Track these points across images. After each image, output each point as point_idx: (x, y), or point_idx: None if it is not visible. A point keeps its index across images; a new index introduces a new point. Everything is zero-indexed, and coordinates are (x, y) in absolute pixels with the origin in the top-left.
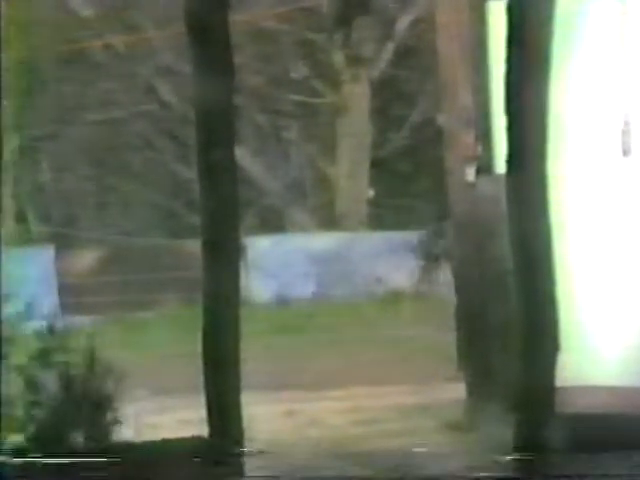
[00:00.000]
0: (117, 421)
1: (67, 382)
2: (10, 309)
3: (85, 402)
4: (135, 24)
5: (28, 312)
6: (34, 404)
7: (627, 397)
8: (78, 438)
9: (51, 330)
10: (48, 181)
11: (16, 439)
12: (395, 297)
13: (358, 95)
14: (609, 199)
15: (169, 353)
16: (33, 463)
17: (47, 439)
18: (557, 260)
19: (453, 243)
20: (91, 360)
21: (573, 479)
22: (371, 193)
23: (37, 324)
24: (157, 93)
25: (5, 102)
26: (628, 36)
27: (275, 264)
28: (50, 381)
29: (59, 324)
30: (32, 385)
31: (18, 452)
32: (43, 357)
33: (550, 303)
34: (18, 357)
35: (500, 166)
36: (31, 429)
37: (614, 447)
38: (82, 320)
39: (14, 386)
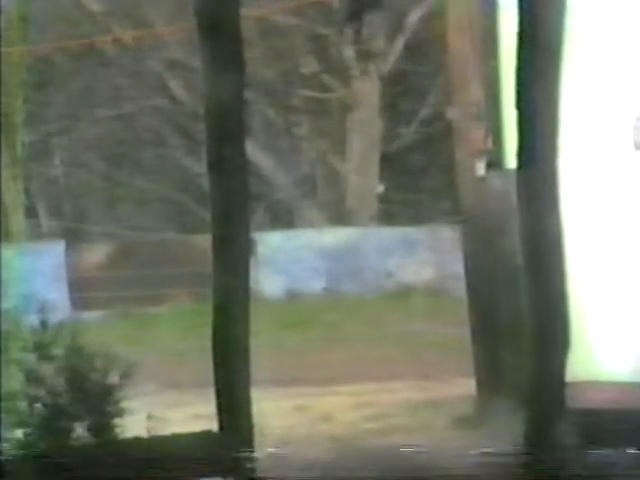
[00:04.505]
0: (120, 414)
1: (65, 375)
2: (17, 303)
3: (85, 395)
4: (145, 19)
5: (36, 306)
6: (34, 398)
7: (636, 393)
8: (81, 432)
9: (44, 324)
10: (59, 176)
11: (18, 433)
12: (406, 293)
13: (368, 90)
14: (621, 194)
15: (179, 348)
16: (36, 458)
17: (49, 433)
18: (567, 256)
19: (463, 238)
20: (87, 353)
21: (582, 475)
22: (381, 188)
23: (42, 318)
24: (167, 88)
25: (16, 98)
26: None
27: (285, 259)
28: (49, 374)
29: (67, 318)
30: (31, 379)
31: (20, 447)
32: (39, 351)
33: (560, 299)
34: (18, 351)
35: (510, 161)
36: (32, 423)
37: (624, 443)
38: (92, 315)
39: (15, 380)
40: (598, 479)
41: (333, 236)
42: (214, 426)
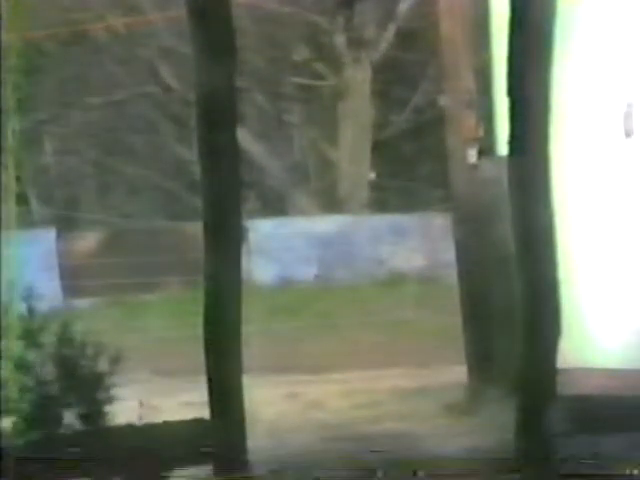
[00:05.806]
0: (111, 401)
1: (55, 363)
2: (9, 291)
3: (76, 382)
4: (136, 5)
5: (29, 294)
6: (24, 386)
7: (626, 380)
8: (73, 419)
9: (31, 312)
10: (50, 163)
11: (10, 421)
12: (397, 280)
13: (360, 78)
14: (612, 180)
15: (170, 336)
16: (28, 445)
17: (40, 420)
18: (559, 243)
19: (455, 225)
20: (76, 341)
21: (573, 461)
22: (373, 176)
23: (30, 306)
24: (159, 75)
25: (7, 85)
26: (631, 19)
27: (277, 247)
28: (39, 362)
29: (59, 306)
30: (21, 367)
31: (13, 434)
32: (27, 339)
33: (551, 286)
34: (10, 340)
35: (502, 148)
36: (24, 411)
37: (613, 429)
38: (83, 302)
39: (5, 368)
40: (589, 465)
41: (325, 224)
42: (205, 414)
